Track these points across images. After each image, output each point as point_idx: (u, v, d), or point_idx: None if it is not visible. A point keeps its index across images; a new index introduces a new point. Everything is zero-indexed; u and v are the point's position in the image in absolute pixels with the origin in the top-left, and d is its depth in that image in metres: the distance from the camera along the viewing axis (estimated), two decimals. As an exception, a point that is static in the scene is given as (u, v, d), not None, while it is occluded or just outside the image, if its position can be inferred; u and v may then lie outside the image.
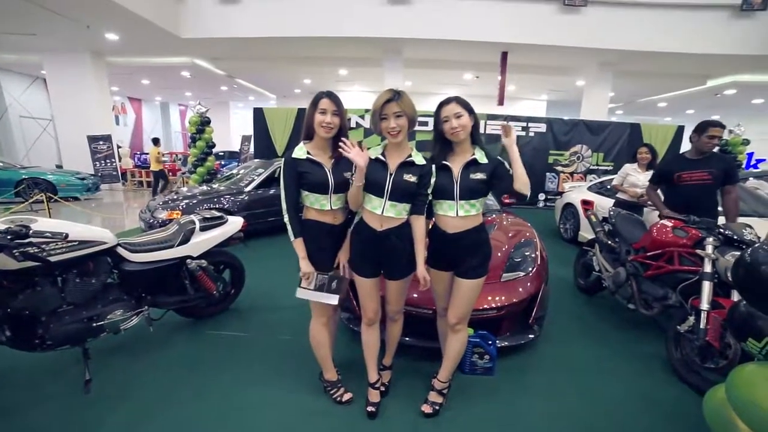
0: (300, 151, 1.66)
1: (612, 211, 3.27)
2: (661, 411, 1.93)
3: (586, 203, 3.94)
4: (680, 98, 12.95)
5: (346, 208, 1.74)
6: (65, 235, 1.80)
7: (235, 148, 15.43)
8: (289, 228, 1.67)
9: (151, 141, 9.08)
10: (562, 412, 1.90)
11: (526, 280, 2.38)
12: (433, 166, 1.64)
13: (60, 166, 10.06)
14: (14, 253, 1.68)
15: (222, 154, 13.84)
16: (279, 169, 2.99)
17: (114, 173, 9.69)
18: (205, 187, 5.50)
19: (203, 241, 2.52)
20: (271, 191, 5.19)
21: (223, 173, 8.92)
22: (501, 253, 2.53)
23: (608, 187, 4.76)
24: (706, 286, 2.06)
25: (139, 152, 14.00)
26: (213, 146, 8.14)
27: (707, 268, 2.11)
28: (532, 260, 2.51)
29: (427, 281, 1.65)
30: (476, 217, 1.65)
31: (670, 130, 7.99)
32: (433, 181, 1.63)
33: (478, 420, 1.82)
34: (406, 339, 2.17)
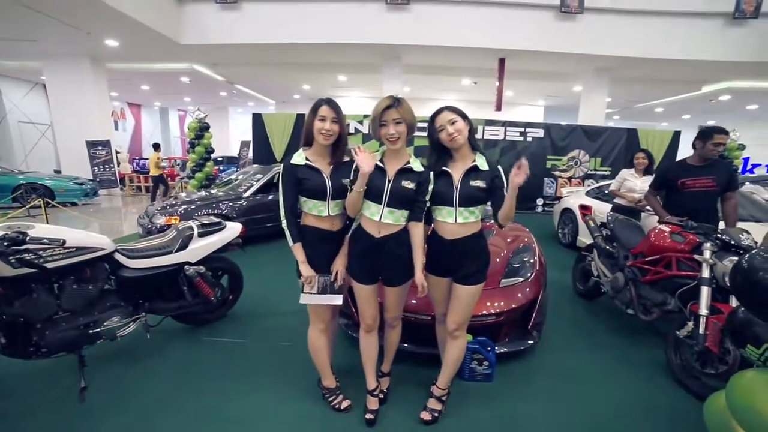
0: (299, 157, 1.66)
1: (610, 216, 3.28)
2: (661, 417, 1.92)
3: (584, 208, 3.95)
4: (676, 104, 13.07)
5: (344, 215, 1.74)
6: (62, 242, 1.80)
7: (234, 153, 15.45)
8: (287, 233, 1.68)
9: (151, 146, 9.09)
10: (561, 419, 1.89)
11: (524, 286, 2.37)
12: (431, 173, 1.64)
13: (58, 172, 10.05)
14: (10, 259, 1.67)
15: (221, 159, 13.86)
16: (278, 175, 2.99)
17: (112, 178, 9.69)
18: (204, 193, 5.50)
19: (201, 247, 2.51)
20: (270, 197, 5.18)
21: (221, 178, 8.92)
22: (499, 259, 2.53)
23: (606, 192, 4.78)
24: (704, 292, 2.06)
25: (137, 157, 14.01)
26: (212, 152, 8.15)
27: (705, 273, 2.11)
28: (530, 266, 2.51)
29: (425, 288, 1.65)
30: (475, 224, 1.65)
31: (667, 135, 8.05)
32: (431, 188, 1.63)
33: (478, 427, 1.80)
34: (405, 345, 2.16)
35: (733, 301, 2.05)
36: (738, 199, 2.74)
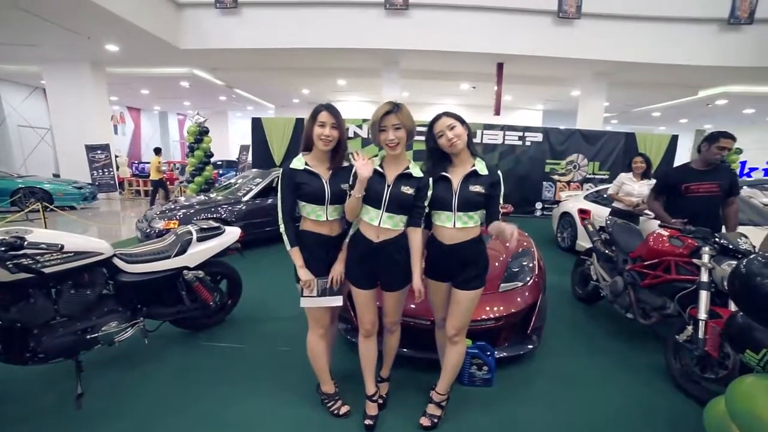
0: (298, 162, 1.67)
1: (609, 220, 3.29)
2: (660, 421, 1.92)
3: (583, 212, 3.96)
4: (673, 108, 13.15)
5: (342, 220, 1.74)
6: (61, 247, 1.79)
7: (234, 157, 15.47)
8: (285, 237, 1.68)
9: (152, 151, 9.10)
10: (561, 423, 1.88)
11: (524, 290, 2.37)
12: (431, 179, 1.65)
13: (57, 175, 10.04)
14: (7, 264, 1.66)
15: (220, 163, 13.87)
16: (277, 179, 3.00)
17: (111, 182, 9.67)
18: (203, 197, 5.49)
19: (200, 252, 2.50)
20: (269, 201, 5.18)
21: (221, 182, 8.92)
22: (498, 263, 2.53)
23: (605, 196, 4.79)
24: (703, 296, 2.06)
25: (137, 161, 14.01)
26: (211, 156, 8.15)
27: (704, 277, 2.11)
28: (529, 270, 2.51)
29: (422, 293, 1.65)
30: (474, 228, 1.65)
31: (665, 139, 8.09)
32: (430, 194, 1.64)
33: (478, 433, 1.79)
34: (404, 350, 2.15)
35: (732, 306, 2.05)
36: (739, 205, 2.73)
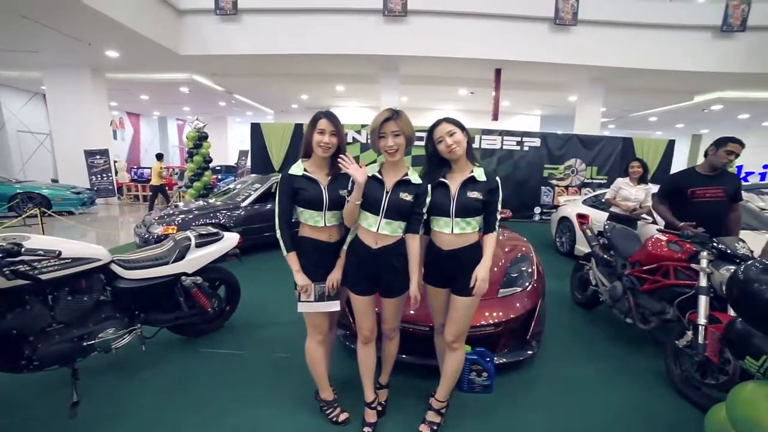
0: (297, 168, 1.68)
1: (607, 225, 3.29)
2: (661, 427, 1.91)
3: (582, 217, 3.97)
4: (670, 113, 13.25)
5: (341, 226, 1.74)
6: (58, 253, 1.78)
7: (233, 162, 15.48)
8: (281, 242, 1.68)
9: (155, 156, 9.12)
10: (561, 429, 1.87)
11: (523, 296, 2.37)
12: (429, 186, 1.65)
13: (55, 181, 10.03)
14: (4, 271, 1.64)
15: (219, 168, 13.88)
16: (276, 185, 3.00)
17: (110, 187, 9.67)
18: (202, 202, 5.49)
19: (199, 258, 2.49)
20: (268, 206, 5.17)
21: (219, 188, 8.92)
22: (497, 269, 2.53)
23: (603, 201, 4.81)
24: (702, 301, 2.06)
25: (136, 166, 14.00)
26: (210, 161, 8.17)
27: (703, 282, 2.11)
28: (528, 275, 2.51)
29: (418, 300, 1.65)
30: (472, 234, 1.65)
31: (662, 143, 8.15)
32: (428, 200, 1.64)
33: (477, 440, 1.78)
34: (403, 356, 2.14)
35: (731, 310, 2.05)
36: (741, 211, 2.73)
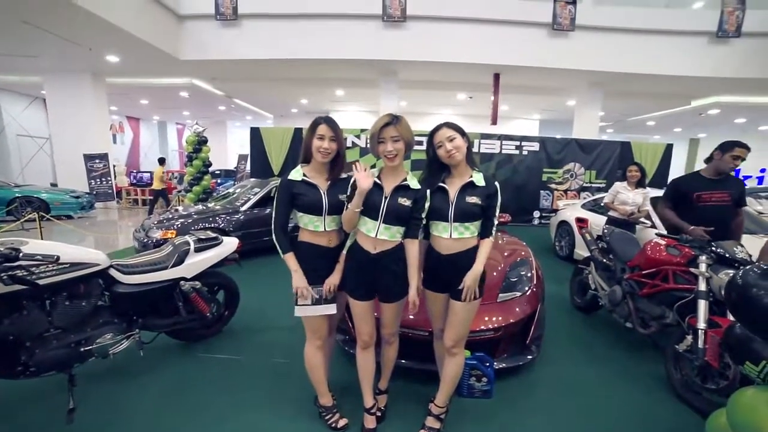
0: (296, 174, 1.68)
1: (606, 229, 3.29)
2: (662, 434, 1.90)
3: (581, 221, 3.98)
4: (667, 117, 13.32)
5: (340, 231, 1.74)
6: (56, 258, 1.77)
7: (232, 166, 15.50)
8: (278, 245, 1.68)
9: (157, 161, 9.14)
10: (562, 437, 1.86)
11: (522, 300, 2.36)
12: (428, 191, 1.65)
13: (54, 185, 10.02)
14: (2, 276, 1.64)
15: (218, 172, 13.88)
16: (275, 189, 2.99)
17: (109, 191, 9.66)
18: (201, 207, 5.48)
19: (198, 263, 2.49)
20: (267, 210, 5.17)
21: (219, 192, 8.93)
22: (497, 273, 2.52)
23: (602, 205, 4.82)
24: (701, 305, 2.06)
25: (135, 170, 14.00)
26: (209, 165, 8.17)
27: (702, 286, 2.11)
28: (527, 280, 2.51)
29: (416, 306, 1.64)
30: (470, 239, 1.66)
31: (660, 148, 8.19)
32: (427, 205, 1.65)
33: (477, 446, 1.77)
34: (403, 362, 2.13)
35: (730, 315, 2.05)
36: (744, 216, 2.72)
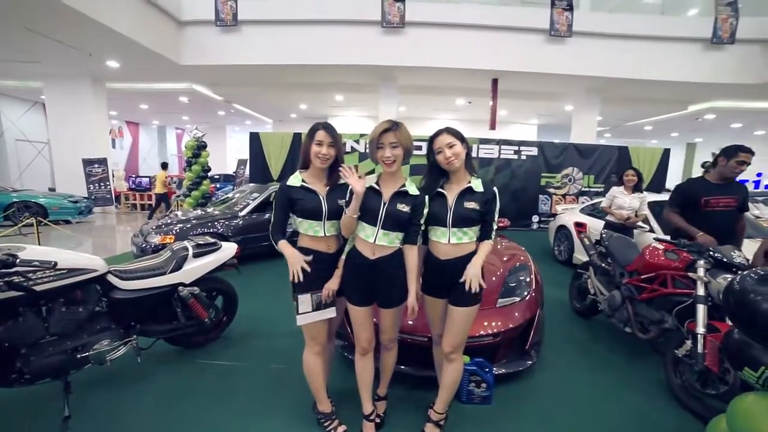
0: (295, 179, 1.69)
1: (604, 234, 3.30)
2: (663, 441, 1.89)
3: (579, 225, 3.99)
4: (664, 122, 13.41)
5: (340, 236, 1.74)
6: (54, 264, 1.76)
7: (231, 171, 15.50)
8: (275, 242, 1.69)
9: (160, 165, 9.16)
10: (562, 444, 1.85)
11: (521, 305, 2.36)
12: (426, 197, 1.66)
13: (53, 189, 10.00)
14: (-2, 282, 1.63)
15: (217, 177, 13.88)
16: (274, 194, 2.99)
17: (108, 196, 9.65)
18: (200, 211, 5.48)
19: (196, 268, 2.48)
20: (266, 215, 5.16)
21: (218, 196, 8.93)
22: (496, 278, 2.52)
23: (600, 209, 4.83)
24: (700, 310, 2.06)
25: (134, 175, 14.00)
26: (209, 170, 8.18)
27: (700, 291, 2.12)
28: (527, 285, 2.50)
29: (415, 311, 1.64)
30: (469, 244, 1.66)
31: (657, 152, 8.23)
32: (426, 211, 1.65)
33: (477, 454, 1.75)
34: (402, 368, 2.12)
35: (729, 320, 2.04)
36: (746, 221, 2.73)
